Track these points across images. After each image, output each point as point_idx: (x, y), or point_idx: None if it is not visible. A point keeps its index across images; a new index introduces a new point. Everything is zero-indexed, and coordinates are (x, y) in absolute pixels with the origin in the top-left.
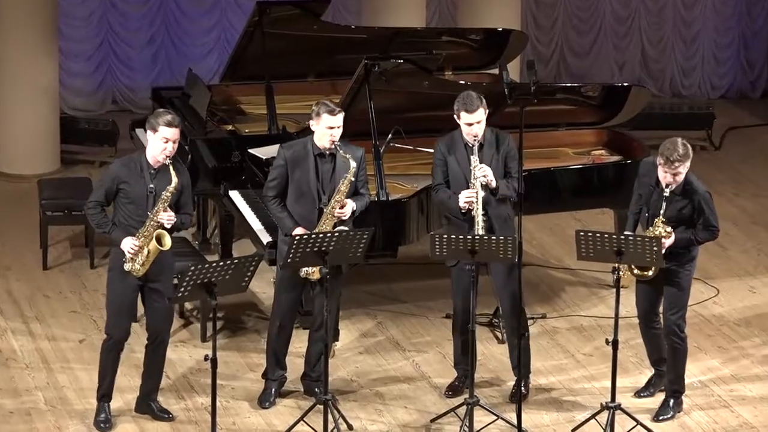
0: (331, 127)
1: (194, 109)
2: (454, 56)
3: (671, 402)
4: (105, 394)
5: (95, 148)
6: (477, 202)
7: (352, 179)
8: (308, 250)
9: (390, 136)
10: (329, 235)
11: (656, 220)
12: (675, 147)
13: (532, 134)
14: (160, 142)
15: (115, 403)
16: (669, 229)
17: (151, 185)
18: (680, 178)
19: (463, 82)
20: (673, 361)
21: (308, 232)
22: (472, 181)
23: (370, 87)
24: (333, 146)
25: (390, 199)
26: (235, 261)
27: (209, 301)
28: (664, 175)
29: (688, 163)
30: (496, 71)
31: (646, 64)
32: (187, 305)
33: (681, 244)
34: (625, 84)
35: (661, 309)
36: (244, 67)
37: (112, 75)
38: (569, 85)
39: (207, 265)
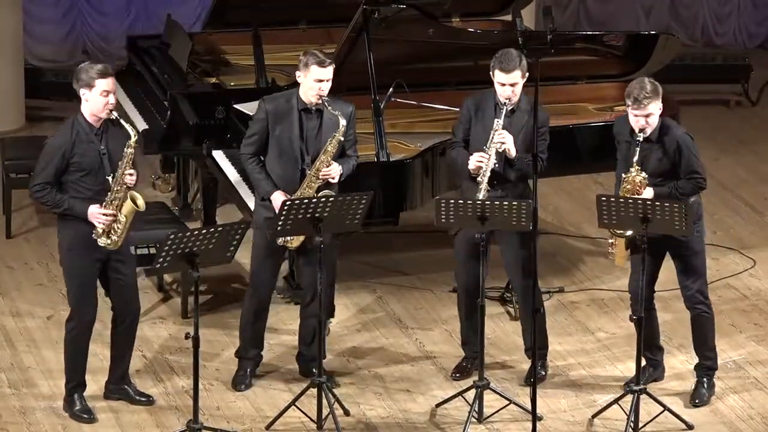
0: (320, 80)
1: (174, 59)
2: (463, 1)
3: (705, 382)
4: (79, 383)
5: (63, 103)
6: (486, 167)
7: (341, 138)
8: (300, 216)
9: (391, 90)
10: (323, 199)
11: (631, 168)
12: (642, 85)
13: (548, 88)
14: (100, 98)
15: (87, 387)
16: (645, 174)
17: (102, 147)
18: (653, 120)
19: (471, 29)
20: (702, 333)
21: (289, 196)
22: (487, 144)
23: (369, 35)
24: (320, 101)
25: (391, 159)
26: (219, 228)
27: (191, 273)
28: (636, 120)
29: (659, 102)
30: (509, 18)
31: (676, 10)
32: (167, 278)
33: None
34: (652, 32)
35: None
36: (229, 13)
37: (82, 21)
38: (590, 33)
39: (188, 233)
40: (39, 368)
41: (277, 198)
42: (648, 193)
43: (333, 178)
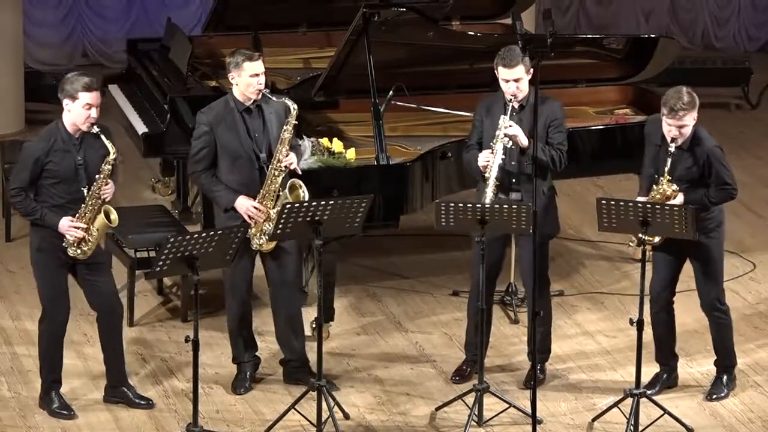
0: (256, 74)
1: (174, 63)
2: (463, 4)
3: (724, 378)
4: (55, 380)
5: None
6: (492, 165)
7: (295, 122)
8: (300, 219)
9: (391, 93)
10: (323, 203)
11: (661, 178)
12: (679, 95)
13: (548, 91)
14: (82, 110)
15: (87, 390)
16: (675, 187)
17: (79, 158)
18: (687, 130)
19: (471, 33)
20: (720, 337)
21: (251, 199)
22: (493, 141)
23: (369, 38)
24: (260, 96)
25: (391, 163)
26: (219, 232)
27: (190, 276)
28: (669, 129)
29: (694, 114)
30: (508, 21)
31: (676, 13)
32: (166, 281)
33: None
34: (652, 35)
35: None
36: (229, 17)
37: (82, 25)
38: (590, 36)
39: (188, 237)
40: (38, 371)
41: (242, 203)
42: (679, 200)
43: (292, 164)
